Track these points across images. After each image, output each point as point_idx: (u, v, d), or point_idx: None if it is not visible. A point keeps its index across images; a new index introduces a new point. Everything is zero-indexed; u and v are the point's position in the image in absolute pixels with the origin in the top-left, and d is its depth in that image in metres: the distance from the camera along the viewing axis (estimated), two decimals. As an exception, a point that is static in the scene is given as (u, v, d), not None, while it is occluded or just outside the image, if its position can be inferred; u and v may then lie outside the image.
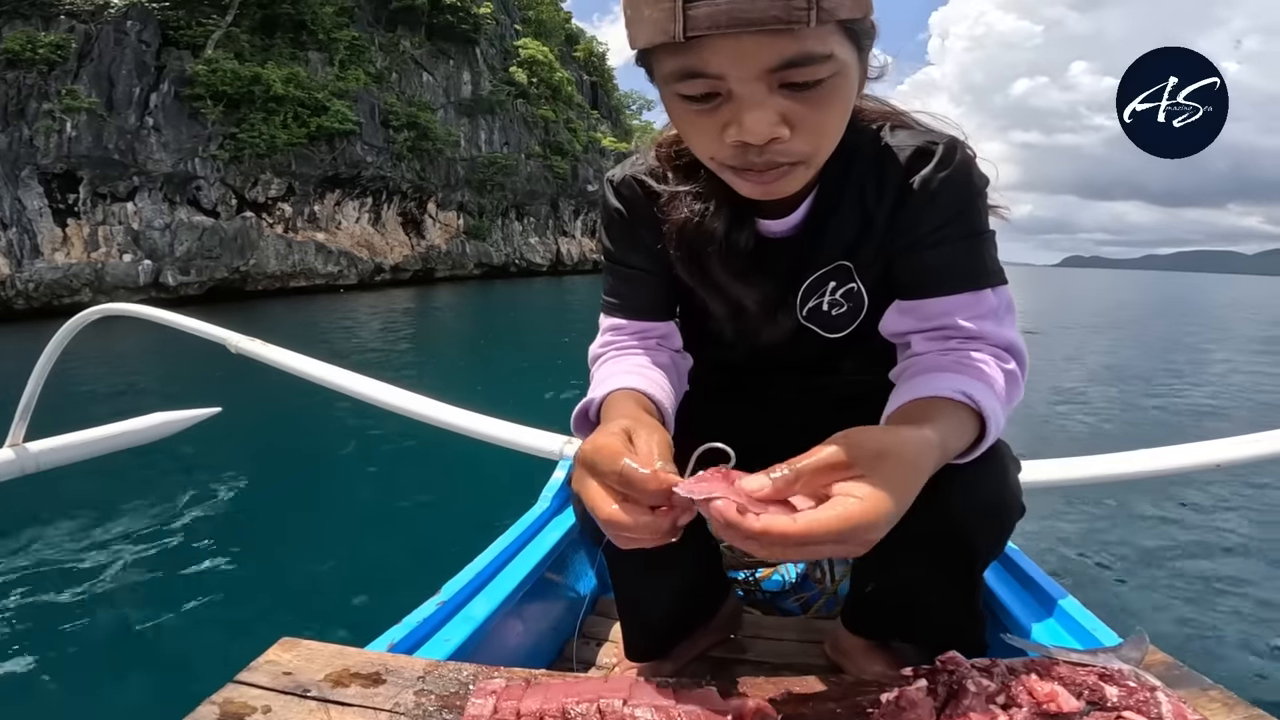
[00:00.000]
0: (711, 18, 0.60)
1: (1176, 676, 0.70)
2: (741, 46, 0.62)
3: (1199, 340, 13.05)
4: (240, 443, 4.62)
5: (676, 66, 0.66)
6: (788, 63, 0.63)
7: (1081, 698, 0.62)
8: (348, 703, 0.69)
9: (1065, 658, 0.68)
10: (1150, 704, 0.61)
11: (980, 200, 0.84)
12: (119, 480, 3.64)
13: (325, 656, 0.76)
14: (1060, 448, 4.91)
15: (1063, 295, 37.08)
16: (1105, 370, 9.17)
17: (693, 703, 0.64)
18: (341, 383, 1.97)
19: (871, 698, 0.67)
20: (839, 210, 0.86)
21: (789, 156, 0.70)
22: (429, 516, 3.46)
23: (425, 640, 0.90)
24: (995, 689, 0.63)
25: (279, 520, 3.43)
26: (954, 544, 0.82)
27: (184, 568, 2.88)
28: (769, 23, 0.60)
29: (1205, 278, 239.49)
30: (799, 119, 0.67)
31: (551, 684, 0.68)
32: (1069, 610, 0.98)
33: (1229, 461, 1.61)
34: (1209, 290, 54.43)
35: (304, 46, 25.53)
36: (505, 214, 36.30)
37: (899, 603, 0.92)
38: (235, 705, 0.69)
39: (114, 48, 19.18)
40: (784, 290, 0.90)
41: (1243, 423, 5.58)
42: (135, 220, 18.95)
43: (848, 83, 0.69)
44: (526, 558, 1.15)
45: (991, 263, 0.85)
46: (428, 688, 0.71)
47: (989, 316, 0.82)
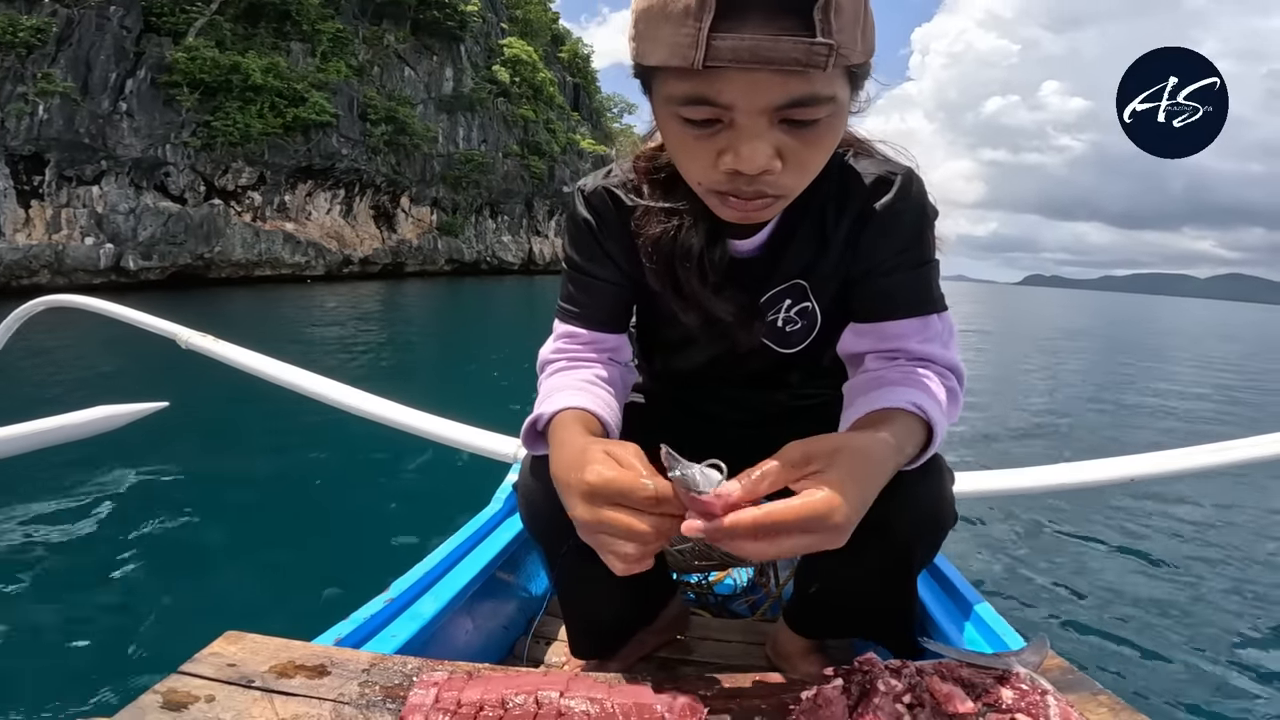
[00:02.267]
0: (734, 51, 0.61)
1: (1070, 681, 0.76)
2: (756, 82, 0.63)
3: (1135, 366, 13.54)
4: (188, 438, 4.50)
5: (686, 91, 0.67)
6: (794, 102, 0.65)
7: (979, 699, 0.67)
8: (292, 693, 0.71)
9: (971, 661, 0.73)
10: (1040, 707, 0.66)
11: (930, 231, 0.89)
12: (59, 475, 3.56)
13: (270, 649, 0.78)
14: (992, 458, 5.10)
15: (1023, 313, 37.97)
16: (1044, 385, 9.46)
17: (626, 697, 0.68)
18: (296, 381, 1.93)
19: (794, 695, 0.72)
20: (799, 232, 0.90)
21: (775, 189, 0.73)
22: (380, 516, 3.42)
23: (372, 636, 0.92)
24: (903, 689, 0.68)
25: (225, 516, 3.36)
26: (893, 550, 0.88)
27: (126, 563, 2.81)
28: (789, 64, 0.61)
29: (1158, 300, 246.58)
30: (791, 154, 0.70)
31: (493, 677, 0.72)
32: (983, 616, 1.04)
33: (1142, 476, 1.70)
34: (1159, 314, 56.16)
35: (287, 37, 25.19)
36: (479, 211, 36.12)
37: (838, 604, 0.98)
38: (179, 695, 0.70)
39: (95, 33, 18.85)
40: (740, 304, 0.93)
41: (1154, 440, 5.86)
42: (100, 204, 18.57)
43: (840, 122, 0.72)
44: (478, 557, 1.17)
45: (937, 290, 0.90)
46: (372, 679, 0.74)
47: (935, 340, 0.88)
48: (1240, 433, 1.72)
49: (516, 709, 0.66)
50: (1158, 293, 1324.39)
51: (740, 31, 0.61)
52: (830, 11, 0.60)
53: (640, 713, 0.67)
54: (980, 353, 13.66)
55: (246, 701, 0.69)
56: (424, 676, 0.72)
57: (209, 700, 0.69)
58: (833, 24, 0.61)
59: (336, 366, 7.12)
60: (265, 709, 0.68)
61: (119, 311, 2.27)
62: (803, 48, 0.61)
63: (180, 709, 0.68)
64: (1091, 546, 3.28)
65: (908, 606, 0.96)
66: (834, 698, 0.70)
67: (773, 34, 0.60)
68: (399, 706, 0.69)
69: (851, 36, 0.64)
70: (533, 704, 0.67)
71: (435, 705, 0.66)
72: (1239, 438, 1.71)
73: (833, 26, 0.61)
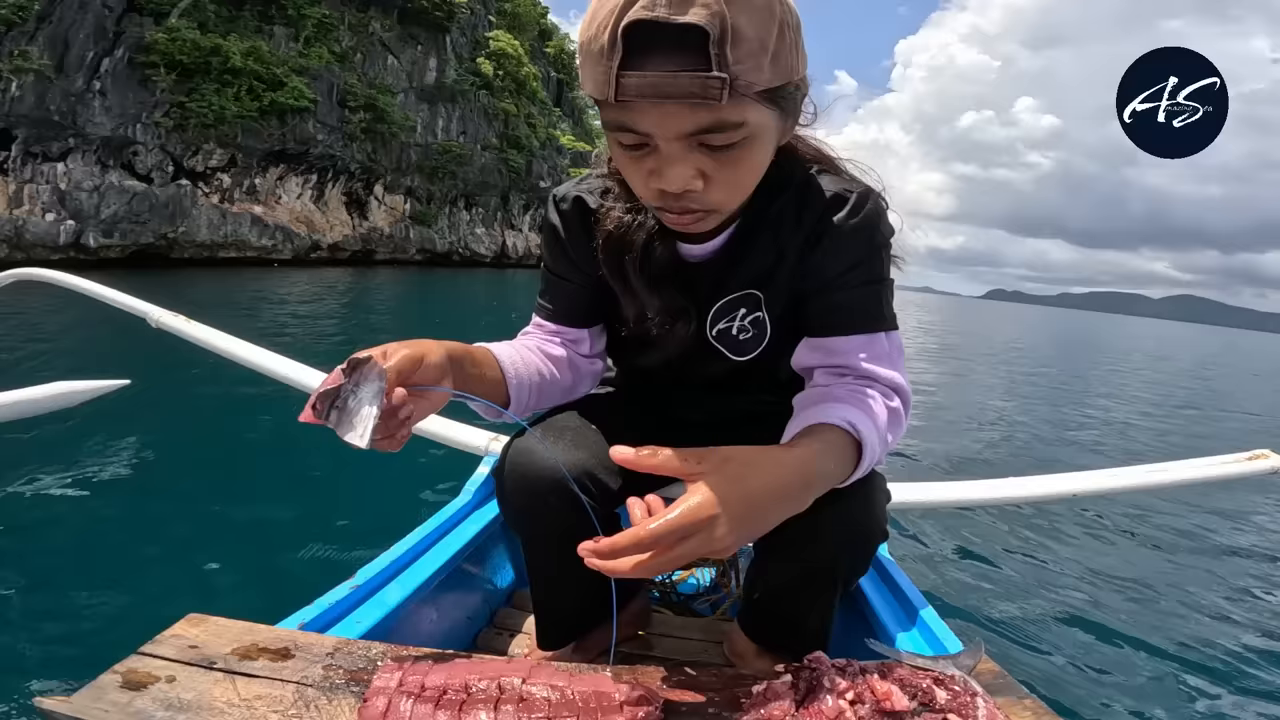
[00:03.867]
0: (639, 88, 0.67)
1: (1000, 685, 0.80)
2: (664, 113, 0.69)
3: (1086, 382, 13.97)
4: (151, 417, 4.38)
5: (611, 119, 0.73)
6: (704, 129, 0.71)
7: (915, 699, 0.71)
8: (255, 674, 0.71)
9: (911, 662, 0.76)
10: (970, 708, 0.70)
11: (885, 250, 0.92)
12: (13, 452, 3.46)
13: (233, 632, 0.79)
14: (946, 469, 5.22)
15: (985, 326, 38.85)
16: (994, 400, 9.70)
17: (586, 685, 0.70)
18: (267, 365, 1.89)
19: (745, 689, 0.75)
20: (756, 242, 0.93)
21: (702, 205, 0.78)
22: (348, 503, 3.39)
23: (336, 622, 0.92)
24: (846, 686, 0.71)
25: (187, 499, 3.29)
26: (821, 563, 0.91)
27: (86, 544, 2.74)
28: (687, 97, 0.67)
29: (1112, 319, 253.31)
30: (713, 173, 0.75)
31: (457, 662, 0.73)
32: (926, 619, 1.08)
33: (1084, 492, 1.75)
34: (1112, 333, 57.77)
35: (271, 20, 24.78)
36: (454, 202, 35.89)
37: (776, 610, 1.00)
38: (138, 675, 0.70)
39: (77, 11, 18.49)
40: (694, 308, 0.97)
41: (1100, 459, 6.07)
42: (64, 181, 18.13)
43: (762, 143, 0.76)
44: (445, 547, 1.17)
45: (888, 309, 0.92)
46: (336, 663, 0.74)
47: (882, 358, 0.91)
48: (1169, 455, 1.80)
49: (479, 693, 0.67)
50: (1113, 311, 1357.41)
51: (644, 69, 0.67)
52: (726, 46, 0.65)
53: (599, 700, 0.68)
54: (940, 364, 13.90)
55: (208, 683, 0.69)
56: (388, 661, 0.73)
57: (169, 680, 0.69)
58: (729, 57, 0.65)
59: (300, 349, 7.06)
60: (227, 690, 0.69)
61: (90, 288, 2.21)
62: (699, 82, 0.66)
63: (140, 689, 0.68)
64: (1035, 559, 3.38)
65: (827, 619, 0.98)
66: (782, 691, 0.72)
67: (672, 70, 0.66)
68: (362, 690, 0.70)
69: (755, 66, 0.68)
70: (495, 689, 0.68)
71: (399, 688, 0.67)
72: (1172, 459, 1.79)
73: (728, 60, 0.66)
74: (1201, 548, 3.83)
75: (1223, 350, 41.28)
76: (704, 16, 0.64)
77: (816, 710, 0.69)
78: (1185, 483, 1.74)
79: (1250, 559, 3.75)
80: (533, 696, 0.68)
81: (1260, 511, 4.66)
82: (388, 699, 0.67)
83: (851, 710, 0.68)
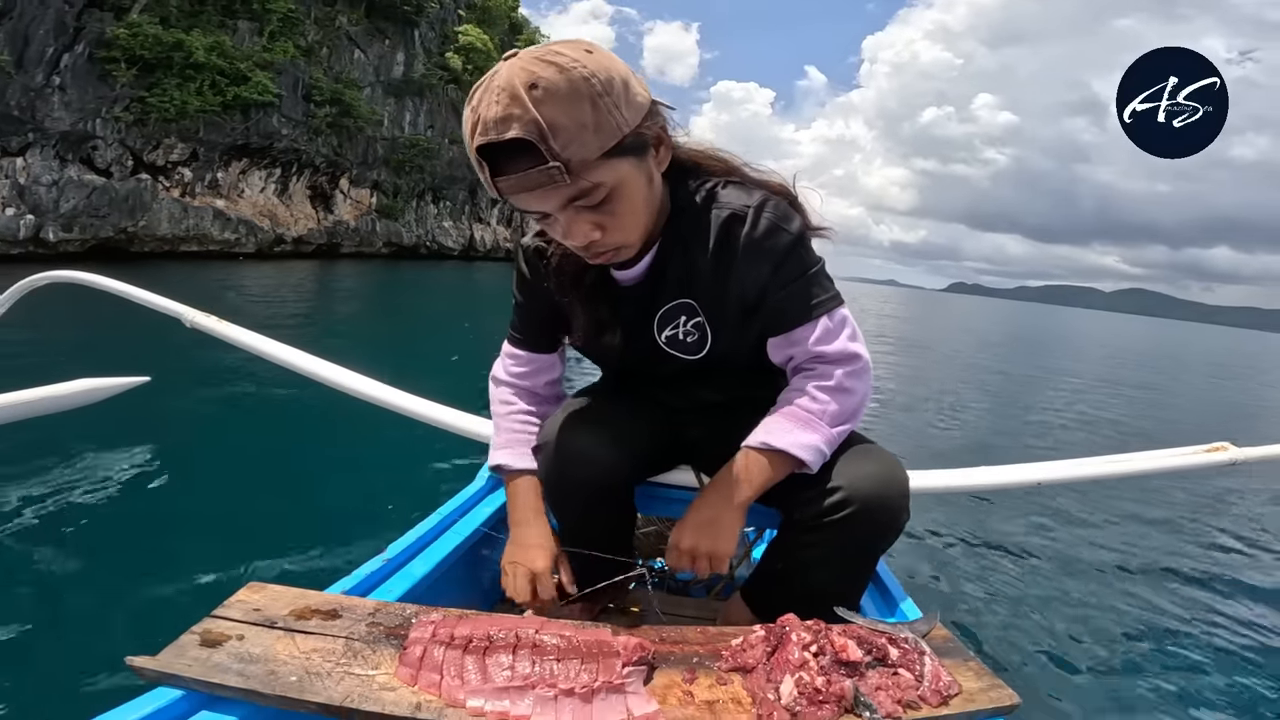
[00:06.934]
0: (509, 188, 0.86)
1: (948, 648, 0.94)
2: (536, 197, 0.87)
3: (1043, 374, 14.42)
4: (178, 414, 4.62)
5: (514, 205, 0.90)
6: (571, 200, 0.89)
7: (870, 654, 0.86)
8: (310, 631, 0.85)
9: (870, 625, 0.91)
10: (917, 664, 0.86)
11: (799, 245, 1.05)
12: (74, 446, 3.61)
13: (288, 598, 0.92)
14: (925, 459, 5.46)
15: (949, 319, 39.75)
16: (959, 390, 10.03)
17: (589, 635, 0.85)
18: (296, 362, 2.00)
19: (725, 643, 0.90)
20: (671, 262, 1.09)
21: (607, 247, 0.98)
22: (373, 488, 3.64)
23: (371, 590, 1.06)
24: (810, 640, 0.86)
25: (232, 485, 3.51)
26: (845, 536, 1.03)
27: (154, 526, 2.93)
28: (542, 186, 0.85)
29: (1067, 311, 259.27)
30: (605, 223, 0.94)
31: (480, 618, 0.88)
32: (892, 590, 1.24)
33: (1048, 481, 1.87)
34: (1066, 324, 59.47)
35: (235, 15, 24.27)
36: (421, 196, 35.55)
37: (798, 582, 1.11)
38: (214, 634, 0.83)
39: (38, 7, 17.99)
40: (637, 320, 1.14)
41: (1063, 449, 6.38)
42: (23, 175, 17.66)
43: (631, 187, 0.93)
44: (462, 528, 1.31)
45: (823, 293, 1.08)
46: (378, 621, 0.88)
47: (826, 337, 1.08)
48: (1127, 444, 1.95)
49: (500, 641, 0.82)
50: (1067, 304, 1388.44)
51: (506, 174, 0.85)
52: (549, 141, 0.82)
53: (600, 647, 0.84)
54: (905, 356, 14.25)
55: (271, 639, 0.83)
56: (422, 617, 0.87)
57: (239, 639, 0.83)
58: (554, 147, 0.82)
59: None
60: (288, 645, 0.83)
61: (124, 289, 2.27)
62: (543, 174, 0.83)
63: (216, 645, 0.81)
64: (994, 544, 3.60)
65: (858, 587, 1.13)
66: (756, 644, 0.88)
67: (522, 170, 0.84)
68: (400, 642, 0.84)
69: (580, 143, 0.83)
70: (513, 637, 0.83)
71: (433, 638, 0.82)
72: (1131, 450, 1.93)
73: (555, 149, 0.82)
74: (1150, 534, 4.07)
75: (1175, 345, 42.63)
76: (522, 128, 0.81)
77: (783, 659, 0.84)
78: (1148, 472, 1.85)
79: (1197, 544, 4.00)
80: (544, 643, 0.83)
81: (1223, 500, 4.97)
82: (423, 647, 0.81)
83: (814, 660, 0.84)
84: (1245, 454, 1.91)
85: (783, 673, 0.82)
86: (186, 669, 0.77)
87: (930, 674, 0.85)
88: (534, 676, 0.79)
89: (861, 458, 1.06)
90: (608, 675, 0.80)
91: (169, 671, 0.76)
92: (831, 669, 0.83)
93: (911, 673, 0.85)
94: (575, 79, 0.82)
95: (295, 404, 4.90)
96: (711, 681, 0.85)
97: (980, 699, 0.84)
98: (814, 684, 0.80)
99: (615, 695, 0.79)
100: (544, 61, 0.82)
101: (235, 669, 0.77)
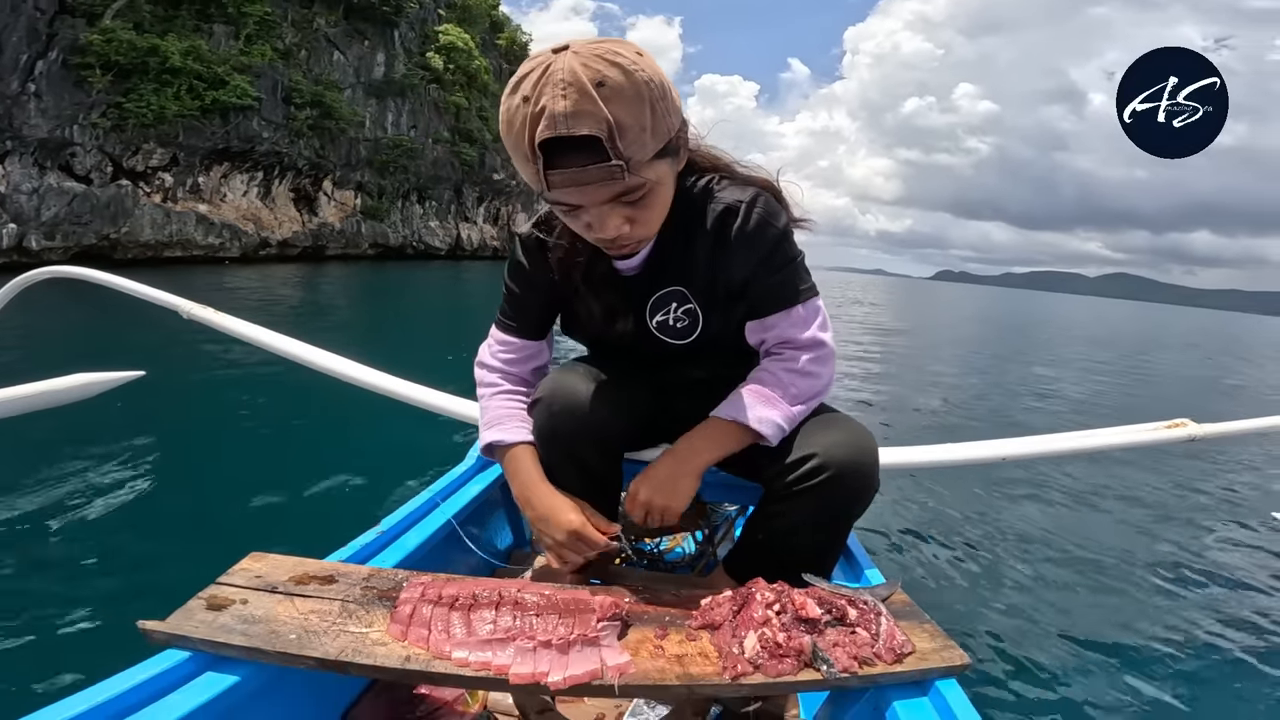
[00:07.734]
0: (562, 181, 0.89)
1: (906, 612, 1.02)
2: (585, 191, 0.92)
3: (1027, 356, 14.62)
4: (174, 404, 4.80)
5: (550, 198, 0.95)
6: (617, 195, 0.94)
7: (829, 613, 0.93)
8: (308, 595, 0.92)
9: (834, 589, 0.98)
10: (873, 624, 0.93)
11: (783, 240, 1.13)
12: (68, 436, 3.75)
13: (288, 565, 0.99)
14: (899, 436, 5.60)
15: (936, 307, 40.13)
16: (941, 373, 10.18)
17: (567, 595, 0.92)
18: (291, 350, 2.05)
19: (696, 604, 0.97)
20: (670, 252, 1.16)
21: (631, 241, 1.03)
22: (366, 466, 3.78)
23: (367, 560, 1.13)
24: (773, 599, 0.93)
25: (232, 466, 3.74)
26: (828, 497, 1.08)
27: (158, 502, 3.13)
28: (598, 182, 0.89)
29: (1052, 296, 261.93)
30: (635, 217, 0.99)
31: (466, 580, 0.95)
32: (859, 558, 1.31)
33: (1015, 456, 1.87)
34: (1051, 309, 60.20)
35: (210, 19, 24.02)
36: (406, 196, 35.39)
37: (777, 548, 1.15)
38: (219, 599, 0.90)
39: (9, 14, 17.77)
40: (633, 306, 1.23)
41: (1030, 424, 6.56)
42: (2, 184, 17.50)
43: (664, 186, 0.99)
44: (453, 503, 1.39)
45: (800, 283, 1.16)
46: (371, 585, 0.95)
47: (798, 325, 1.16)
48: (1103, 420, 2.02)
49: (483, 599, 0.89)
50: (1053, 289, 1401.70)
51: (563, 168, 0.88)
52: (616, 141, 0.87)
53: (577, 605, 0.91)
54: (892, 341, 14.38)
55: (272, 603, 0.90)
56: (413, 580, 0.94)
57: (243, 603, 0.90)
58: (619, 146, 0.88)
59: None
60: (288, 608, 0.89)
61: (121, 283, 2.30)
62: (604, 170, 0.88)
63: (220, 609, 0.88)
64: (961, 514, 3.74)
65: (825, 557, 1.17)
66: (723, 603, 0.96)
67: (582, 165, 0.87)
68: (392, 604, 0.91)
69: (640, 144, 0.89)
70: (496, 596, 0.90)
71: (422, 598, 0.89)
72: (1100, 426, 1.98)
73: (620, 148, 0.88)
74: (1113, 513, 4.21)
75: (1155, 327, 43.12)
76: (594, 125, 0.86)
77: (748, 616, 0.92)
78: (1109, 447, 1.87)
79: (1154, 518, 4.15)
80: (525, 601, 0.90)
81: (1180, 473, 5.12)
82: (413, 605, 0.88)
83: (776, 618, 0.91)
84: (1204, 430, 1.96)
85: (747, 629, 0.89)
86: (194, 630, 0.83)
87: (885, 633, 0.92)
88: (514, 630, 0.86)
89: (835, 427, 1.13)
90: (583, 629, 0.87)
91: (177, 633, 0.83)
92: (792, 625, 0.90)
93: (868, 631, 0.92)
94: (638, 82, 0.87)
95: (291, 392, 5.08)
96: (681, 637, 0.92)
97: (932, 658, 0.90)
98: (775, 639, 0.87)
99: (590, 647, 0.86)
100: (607, 61, 0.86)
101: (239, 629, 0.84)
